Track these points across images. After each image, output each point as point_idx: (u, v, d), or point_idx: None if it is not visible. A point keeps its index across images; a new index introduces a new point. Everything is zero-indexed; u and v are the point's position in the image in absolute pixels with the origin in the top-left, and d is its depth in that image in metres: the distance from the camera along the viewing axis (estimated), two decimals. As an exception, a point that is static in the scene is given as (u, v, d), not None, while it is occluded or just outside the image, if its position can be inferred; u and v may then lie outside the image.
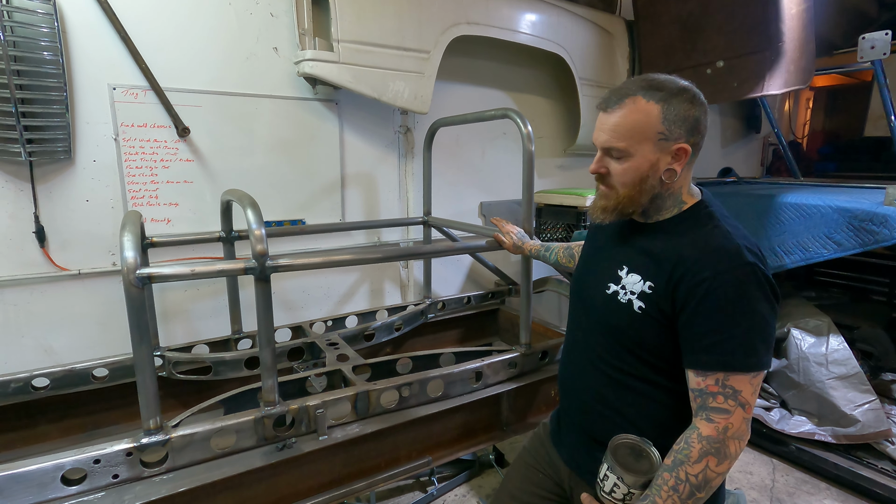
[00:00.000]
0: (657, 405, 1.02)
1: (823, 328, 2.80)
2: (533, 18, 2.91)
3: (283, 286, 2.54)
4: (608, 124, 1.02)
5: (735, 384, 0.93)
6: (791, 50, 2.61)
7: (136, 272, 1.22)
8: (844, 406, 2.54)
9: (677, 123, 0.98)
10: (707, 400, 0.95)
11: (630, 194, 1.03)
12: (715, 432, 0.93)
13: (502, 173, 3.25)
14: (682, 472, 0.94)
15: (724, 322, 0.93)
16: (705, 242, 0.98)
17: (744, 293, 0.93)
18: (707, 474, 0.93)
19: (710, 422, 0.94)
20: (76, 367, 1.79)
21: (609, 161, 1.05)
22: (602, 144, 1.04)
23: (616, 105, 1.01)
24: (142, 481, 1.30)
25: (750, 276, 0.93)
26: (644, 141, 0.99)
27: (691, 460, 0.94)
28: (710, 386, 0.95)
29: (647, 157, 1.00)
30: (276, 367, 1.46)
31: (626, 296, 1.05)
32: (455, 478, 2.56)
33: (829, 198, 2.65)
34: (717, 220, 1.02)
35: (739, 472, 2.66)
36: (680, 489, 0.94)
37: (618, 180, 1.04)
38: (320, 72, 2.23)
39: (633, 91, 1.00)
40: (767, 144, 5.26)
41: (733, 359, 0.93)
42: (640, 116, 0.98)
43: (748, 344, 0.93)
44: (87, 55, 1.92)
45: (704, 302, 0.94)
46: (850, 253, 2.53)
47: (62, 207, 1.96)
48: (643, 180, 1.02)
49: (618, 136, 1.00)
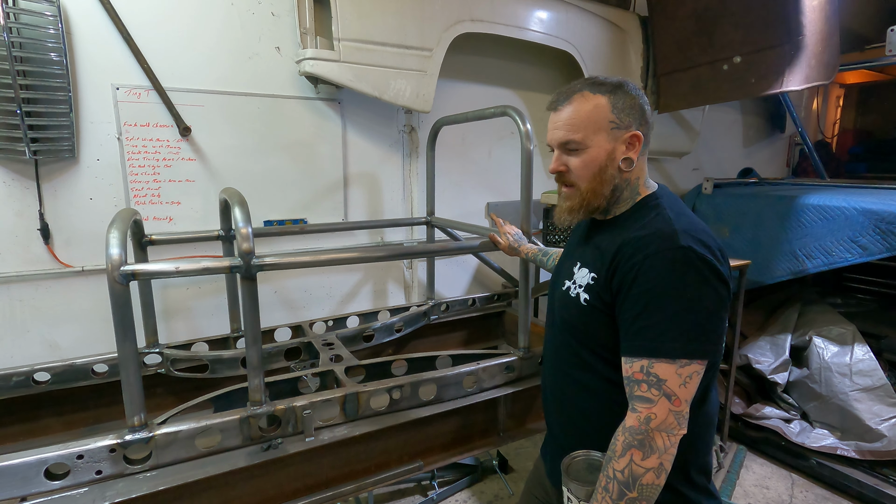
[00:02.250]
0: (619, 407, 0.97)
1: (848, 336, 2.66)
2: (541, 15, 2.85)
3: (286, 285, 2.55)
4: (561, 120, 1.05)
5: (659, 372, 0.88)
6: (812, 44, 2.48)
7: (120, 269, 1.22)
8: (870, 420, 2.40)
9: (626, 112, 1.01)
10: (633, 388, 0.91)
11: (592, 187, 1.04)
12: (637, 423, 0.88)
13: (509, 173, 3.20)
14: (610, 470, 0.89)
15: (650, 305, 0.89)
16: (643, 228, 0.97)
17: (673, 276, 0.88)
18: (633, 469, 0.86)
19: (634, 411, 0.90)
20: (76, 363, 1.81)
21: (567, 158, 1.06)
22: (558, 140, 1.06)
23: (565, 102, 1.04)
24: (125, 478, 1.30)
25: (681, 258, 0.89)
26: (598, 131, 1.02)
27: (616, 454, 0.89)
28: (636, 373, 0.90)
29: (603, 147, 1.02)
30: (262, 367, 1.44)
31: (576, 290, 1.06)
32: (456, 483, 2.52)
33: (854, 199, 2.52)
34: (661, 209, 1.01)
35: (755, 486, 2.54)
36: (610, 488, 0.88)
37: (578, 175, 1.05)
38: (321, 71, 2.22)
39: (579, 88, 1.04)
40: (793, 144, 5.05)
41: (657, 344, 0.88)
42: (590, 107, 1.02)
43: (675, 329, 0.87)
44: (91, 56, 1.95)
45: (634, 286, 0.92)
46: (877, 258, 2.41)
47: (66, 205, 2.00)
48: (602, 170, 1.03)
49: (573, 128, 1.03)
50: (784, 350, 2.82)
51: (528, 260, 1.75)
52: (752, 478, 2.61)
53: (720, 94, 2.88)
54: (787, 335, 2.88)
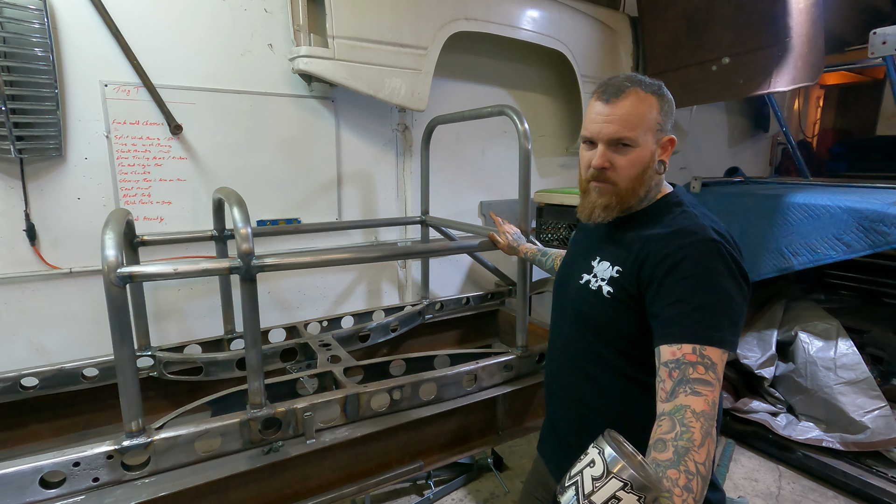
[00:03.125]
0: (637, 405, 0.97)
1: (832, 332, 2.72)
2: (534, 14, 2.86)
3: (279, 286, 2.52)
4: (616, 115, 0.98)
5: (712, 356, 0.83)
6: (799, 46, 2.54)
7: (117, 271, 1.19)
8: (853, 412, 2.47)
9: (667, 115, 1.02)
10: (686, 371, 0.82)
11: (633, 187, 1.03)
12: (707, 406, 0.78)
13: (503, 172, 3.21)
14: (691, 463, 0.74)
15: (690, 293, 0.88)
16: (670, 224, 0.98)
17: (708, 267, 0.89)
18: (709, 462, 0.75)
19: (699, 395, 0.79)
20: (65, 367, 1.77)
21: (613, 155, 1.01)
22: (610, 136, 0.99)
23: (621, 95, 0.99)
24: (123, 485, 1.27)
25: (714, 251, 0.90)
26: (648, 132, 1.00)
27: (696, 444, 0.75)
28: (688, 355, 0.83)
29: (649, 149, 1.01)
30: (262, 369, 1.42)
31: (597, 283, 1.05)
32: (452, 481, 2.52)
33: (838, 198, 2.58)
34: (684, 206, 1.02)
35: (744, 479, 2.60)
36: (693, 486, 0.72)
37: (623, 174, 1.01)
38: (315, 68, 2.20)
39: (631, 83, 1.00)
40: (776, 144, 5.17)
41: (706, 331, 0.85)
42: (646, 107, 0.99)
43: (718, 318, 0.86)
44: (79, 52, 1.90)
45: (670, 276, 0.91)
46: (860, 255, 2.47)
47: (53, 205, 1.94)
48: (644, 171, 1.02)
49: (629, 126, 0.98)
50: (770, 345, 2.88)
51: (527, 259, 1.75)
52: (741, 471, 2.66)
53: (709, 94, 2.93)
54: (774, 331, 2.94)
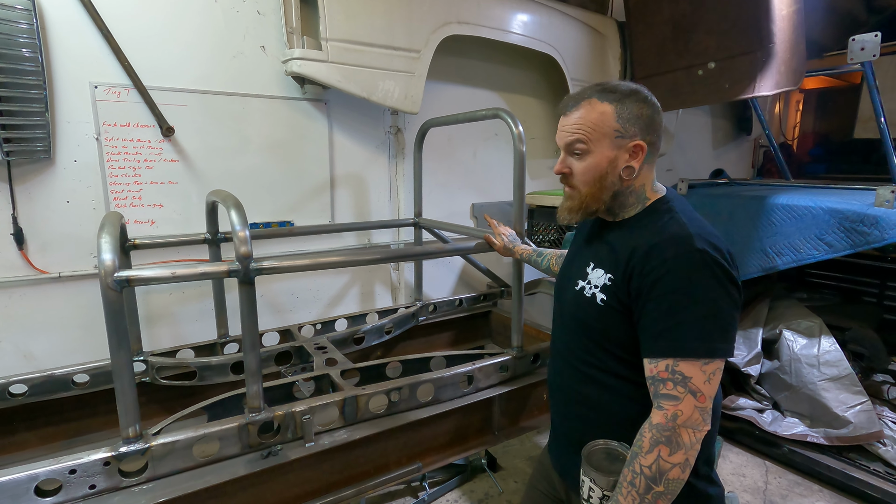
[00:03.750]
0: (634, 403, 1.01)
1: (815, 329, 2.80)
2: (524, 18, 2.90)
3: (272, 289, 2.50)
4: (569, 123, 1.08)
5: (685, 370, 0.92)
6: (782, 51, 2.61)
7: (114, 275, 1.18)
8: (836, 407, 2.54)
9: (631, 122, 1.04)
10: (658, 387, 0.94)
11: (592, 192, 1.08)
12: (664, 419, 0.91)
13: (494, 174, 3.23)
14: (637, 465, 0.92)
15: (673, 308, 0.93)
16: (658, 232, 1.01)
17: (693, 279, 0.93)
18: (660, 465, 0.90)
19: (660, 409, 0.93)
20: (55, 373, 1.74)
21: (571, 161, 1.09)
22: (565, 142, 1.09)
23: (574, 107, 1.07)
24: (120, 492, 1.26)
25: (699, 262, 0.94)
26: (602, 138, 1.04)
27: (643, 451, 0.92)
28: (661, 372, 0.94)
29: (605, 155, 1.05)
30: (260, 373, 1.42)
31: (591, 290, 1.08)
32: (447, 483, 2.52)
33: (820, 199, 2.65)
34: (674, 213, 1.05)
35: (732, 474, 2.65)
36: (636, 483, 0.91)
37: (580, 179, 1.09)
38: (308, 71, 2.19)
39: (589, 95, 1.07)
40: (758, 146, 5.29)
41: (682, 344, 0.92)
42: (596, 115, 1.04)
43: (699, 329, 0.92)
44: (68, 53, 1.87)
45: (654, 289, 0.95)
46: (842, 254, 2.53)
47: (42, 208, 1.91)
48: (603, 177, 1.06)
49: (579, 133, 1.06)
50: (756, 343, 2.95)
51: (523, 261, 1.77)
52: (729, 467, 2.72)
53: (696, 98, 2.99)
54: (759, 329, 3.01)
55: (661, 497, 0.90)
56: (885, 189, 2.34)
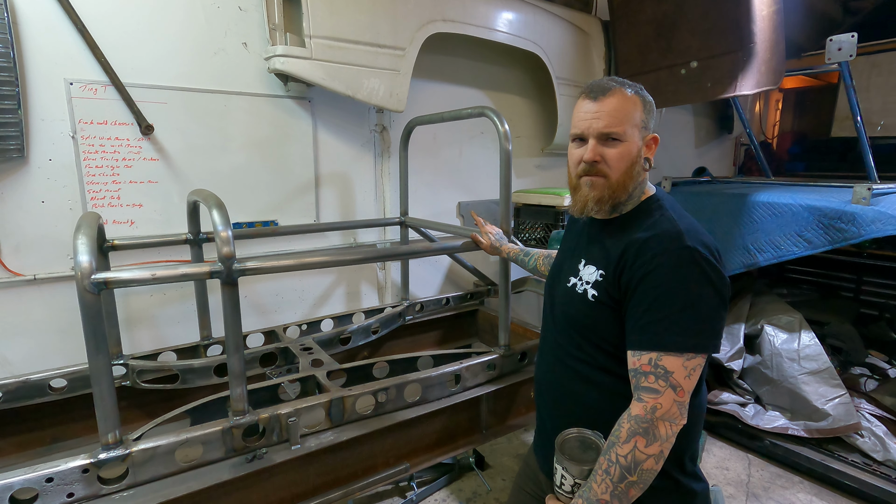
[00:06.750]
0: (624, 400, 1.01)
1: (795, 324, 2.85)
2: (510, 17, 2.90)
3: (256, 289, 2.46)
4: (604, 110, 1.04)
5: (667, 364, 0.93)
6: (762, 51, 2.65)
7: (91, 277, 1.15)
8: (816, 400, 2.59)
9: (650, 115, 1.08)
10: (640, 380, 0.95)
11: (623, 180, 1.07)
12: (643, 411, 0.93)
13: (480, 172, 3.23)
14: (613, 454, 0.93)
15: (659, 303, 0.94)
16: (650, 229, 1.02)
17: (680, 275, 0.94)
18: (636, 455, 0.91)
19: (640, 401, 0.94)
20: (31, 378, 1.68)
21: (603, 149, 1.06)
22: (599, 130, 1.05)
23: (607, 93, 1.05)
24: (100, 499, 1.23)
25: (688, 259, 0.95)
26: (634, 127, 1.05)
27: (620, 441, 0.93)
28: (644, 366, 0.95)
29: (636, 143, 1.06)
30: (244, 375, 1.39)
31: (583, 286, 1.09)
32: (435, 482, 2.52)
33: (799, 197, 2.70)
34: (664, 210, 1.06)
35: (716, 468, 2.69)
36: (611, 472, 0.93)
37: (613, 166, 1.06)
38: (292, 68, 2.16)
39: (615, 84, 1.06)
40: (739, 144, 5.37)
41: (665, 339, 0.93)
42: (630, 105, 1.05)
43: (683, 324, 0.93)
44: (41, 48, 1.81)
45: (643, 283, 0.97)
46: (820, 250, 2.58)
47: (15, 209, 1.85)
48: (633, 165, 1.07)
49: (617, 120, 1.04)
50: (738, 339, 3.00)
51: (510, 259, 1.77)
52: (712, 460, 2.76)
53: (678, 97, 3.02)
54: (741, 324, 3.06)
55: (633, 486, 0.92)
56: (861, 186, 2.40)
